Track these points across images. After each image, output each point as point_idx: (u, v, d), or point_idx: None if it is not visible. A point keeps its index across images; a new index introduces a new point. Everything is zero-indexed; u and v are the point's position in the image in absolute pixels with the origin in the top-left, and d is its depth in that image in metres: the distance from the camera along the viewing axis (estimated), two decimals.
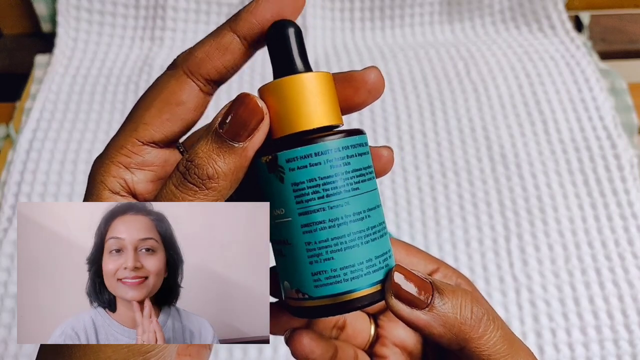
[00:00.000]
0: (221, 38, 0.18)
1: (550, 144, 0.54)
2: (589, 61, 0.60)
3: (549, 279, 0.45)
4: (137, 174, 0.18)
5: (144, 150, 0.18)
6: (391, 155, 0.20)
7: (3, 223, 0.48)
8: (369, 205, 0.18)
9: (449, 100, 0.58)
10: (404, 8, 0.65)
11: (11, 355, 0.42)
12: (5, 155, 0.53)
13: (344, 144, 0.18)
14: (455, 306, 0.19)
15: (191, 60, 0.18)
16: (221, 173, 0.16)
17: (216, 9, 0.64)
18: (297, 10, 0.18)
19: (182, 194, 0.16)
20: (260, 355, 0.42)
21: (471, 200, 0.50)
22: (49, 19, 0.64)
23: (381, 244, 0.19)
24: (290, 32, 0.18)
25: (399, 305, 0.18)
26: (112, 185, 0.18)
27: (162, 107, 0.18)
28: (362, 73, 0.19)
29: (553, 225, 0.48)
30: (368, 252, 0.18)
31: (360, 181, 0.18)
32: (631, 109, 0.56)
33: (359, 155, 0.18)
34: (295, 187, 0.18)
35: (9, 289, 0.45)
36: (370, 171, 0.19)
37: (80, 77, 0.60)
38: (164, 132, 0.18)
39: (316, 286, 0.18)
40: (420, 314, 0.18)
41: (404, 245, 0.23)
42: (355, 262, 0.18)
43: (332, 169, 0.18)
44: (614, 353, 0.42)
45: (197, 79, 0.18)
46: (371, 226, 0.18)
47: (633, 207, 0.49)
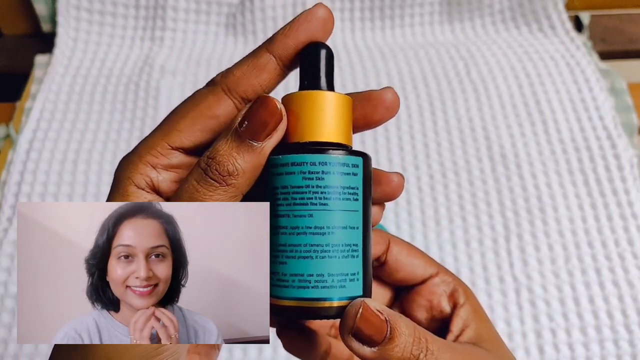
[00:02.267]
0: (258, 58, 0.19)
1: (550, 144, 0.54)
2: (589, 61, 0.60)
3: (549, 279, 0.46)
4: (162, 173, 0.19)
5: (172, 154, 0.19)
6: (401, 182, 0.21)
7: (3, 223, 0.48)
8: (352, 223, 0.19)
9: (449, 100, 0.58)
10: (404, 8, 0.65)
11: (11, 355, 0.42)
12: (5, 155, 0.53)
13: (347, 162, 0.19)
14: (399, 350, 0.18)
15: (230, 79, 0.19)
16: (240, 170, 0.17)
17: (216, 9, 0.64)
18: (326, 34, 0.19)
19: (203, 189, 0.17)
20: (260, 355, 0.42)
21: (471, 200, 0.50)
22: (49, 19, 0.64)
23: (355, 263, 0.19)
24: (322, 53, 0.19)
25: (352, 341, 0.18)
26: (138, 181, 0.19)
27: (197, 117, 0.19)
28: (380, 92, 0.20)
29: (553, 225, 0.48)
30: (343, 267, 0.19)
31: (351, 199, 0.19)
32: (631, 109, 0.56)
33: (354, 175, 0.19)
34: (274, 189, 0.19)
35: (9, 289, 0.45)
36: (359, 192, 0.20)
37: (80, 77, 0.60)
38: (194, 141, 0.19)
39: (272, 285, 0.19)
40: (367, 350, 0.18)
41: (407, 246, 0.23)
42: (331, 272, 0.19)
43: (331, 180, 0.19)
44: (614, 353, 0.42)
45: (234, 96, 0.19)
46: (351, 243, 0.19)
47: (633, 207, 0.49)
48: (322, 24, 0.19)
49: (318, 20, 0.19)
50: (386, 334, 0.18)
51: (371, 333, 0.18)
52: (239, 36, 0.64)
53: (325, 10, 0.19)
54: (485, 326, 0.23)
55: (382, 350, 0.18)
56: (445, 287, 0.23)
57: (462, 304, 0.23)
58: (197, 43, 0.64)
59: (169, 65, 0.61)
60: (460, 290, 0.23)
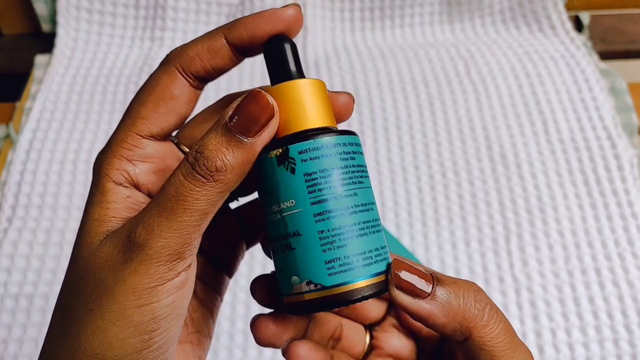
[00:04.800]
0: (213, 42, 0.19)
1: (550, 144, 0.54)
2: (589, 61, 0.60)
3: (549, 279, 0.45)
4: (139, 165, 0.19)
5: (143, 143, 0.19)
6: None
7: (3, 223, 0.48)
8: (369, 199, 0.19)
9: (449, 100, 0.58)
10: (404, 8, 0.65)
11: (11, 355, 0.42)
12: (5, 156, 0.53)
13: (347, 141, 0.19)
14: (458, 295, 0.19)
15: (183, 58, 0.19)
16: (229, 166, 0.17)
17: (216, 9, 0.64)
18: (292, 34, 0.19)
19: (190, 184, 0.17)
20: (260, 355, 0.42)
21: (471, 200, 0.50)
22: (49, 19, 0.64)
23: (380, 237, 0.19)
24: (286, 47, 0.19)
25: (401, 296, 0.18)
26: (115, 177, 0.18)
27: (157, 101, 0.19)
28: (334, 95, 0.20)
29: (553, 225, 0.48)
30: (371, 243, 0.19)
31: (361, 176, 0.19)
32: (631, 109, 0.56)
33: (358, 152, 0.20)
34: (307, 177, 0.18)
35: (9, 289, 0.45)
36: (366, 170, 0.20)
37: (80, 77, 0.60)
38: (161, 126, 0.19)
39: (330, 274, 0.18)
40: (423, 303, 0.18)
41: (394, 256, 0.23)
42: (364, 250, 0.18)
43: (340, 161, 0.19)
44: (614, 353, 0.42)
45: (187, 75, 0.19)
46: (372, 219, 0.19)
47: (633, 207, 0.49)
48: (286, 25, 0.19)
49: (282, 21, 0.19)
50: (434, 281, 0.19)
51: (418, 282, 0.18)
52: None
53: (294, 11, 0.19)
54: None
55: (437, 298, 0.18)
56: None
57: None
58: None
59: None
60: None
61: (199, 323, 0.22)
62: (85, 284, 0.18)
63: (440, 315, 0.18)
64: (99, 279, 0.17)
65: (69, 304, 0.18)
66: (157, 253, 0.17)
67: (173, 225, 0.17)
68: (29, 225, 0.48)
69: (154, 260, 0.17)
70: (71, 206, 0.50)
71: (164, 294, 0.17)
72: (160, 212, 0.17)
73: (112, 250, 0.17)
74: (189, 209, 0.17)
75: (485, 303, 0.19)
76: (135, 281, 0.17)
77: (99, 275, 0.17)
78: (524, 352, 0.19)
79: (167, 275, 0.17)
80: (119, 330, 0.17)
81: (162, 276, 0.17)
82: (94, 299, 0.17)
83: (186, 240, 0.17)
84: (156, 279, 0.17)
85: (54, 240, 0.47)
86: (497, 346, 0.19)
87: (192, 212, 0.17)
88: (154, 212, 0.17)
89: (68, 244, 0.47)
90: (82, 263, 0.18)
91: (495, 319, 0.19)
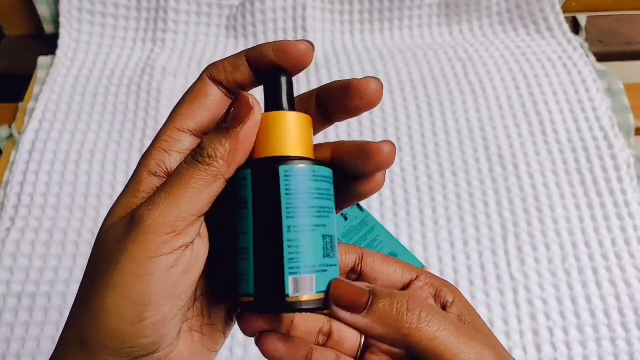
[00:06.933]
0: (237, 58, 0.22)
1: (548, 145, 0.54)
2: (586, 62, 0.61)
3: (546, 278, 0.46)
4: (175, 156, 0.21)
5: (181, 136, 0.21)
6: (393, 151, 0.22)
7: (6, 223, 0.49)
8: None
9: (447, 101, 0.58)
10: (403, 10, 0.65)
11: (13, 353, 0.42)
12: (8, 156, 0.54)
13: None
14: (392, 306, 0.21)
15: (212, 68, 0.22)
16: (219, 154, 0.20)
17: (217, 11, 0.65)
18: (299, 67, 0.22)
19: (189, 167, 0.20)
20: (260, 355, 0.42)
21: (469, 200, 0.51)
22: (51, 20, 0.65)
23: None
24: (282, 79, 0.22)
25: (340, 312, 0.21)
26: (152, 168, 0.21)
27: (193, 100, 0.22)
28: (360, 82, 0.21)
29: (550, 224, 0.49)
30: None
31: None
32: (628, 109, 0.57)
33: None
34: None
35: (12, 288, 0.45)
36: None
37: (83, 78, 0.60)
38: (196, 120, 0.22)
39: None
40: (360, 317, 0.21)
41: (381, 256, 0.24)
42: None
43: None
44: (611, 352, 0.42)
45: (216, 82, 0.22)
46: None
47: (630, 207, 0.49)
48: (298, 60, 0.21)
49: (293, 55, 0.21)
50: (369, 297, 0.21)
51: (355, 299, 0.21)
52: (239, 38, 0.65)
53: (306, 48, 0.21)
54: (481, 323, 0.23)
55: (372, 311, 0.20)
56: (429, 289, 0.23)
57: (452, 301, 0.23)
58: (198, 45, 0.64)
59: (170, 66, 0.61)
60: (446, 290, 0.23)
61: (215, 317, 0.23)
62: (97, 257, 0.20)
63: (377, 327, 0.21)
64: (107, 251, 0.20)
65: (86, 276, 0.21)
66: (155, 223, 0.19)
67: (170, 198, 0.19)
68: (31, 224, 0.49)
69: (151, 229, 0.19)
70: (73, 206, 0.50)
71: (158, 268, 0.19)
72: (162, 190, 0.20)
73: (121, 226, 0.20)
74: (185, 185, 0.20)
75: (419, 309, 0.21)
76: (135, 249, 0.19)
77: (107, 248, 0.20)
78: (479, 345, 0.20)
79: (163, 249, 0.19)
80: (118, 297, 0.19)
81: (158, 248, 0.19)
82: (102, 267, 0.20)
83: (180, 213, 0.19)
84: (152, 250, 0.19)
85: (56, 239, 0.48)
86: (439, 346, 0.20)
87: (187, 188, 0.20)
88: (158, 191, 0.20)
89: (70, 243, 0.48)
90: (99, 238, 0.21)
91: (431, 320, 0.20)
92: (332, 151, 0.22)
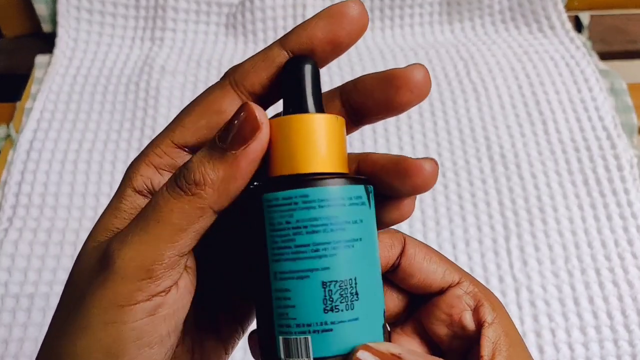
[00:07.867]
0: (269, 50, 0.17)
1: (550, 144, 0.54)
2: (588, 61, 0.60)
3: (548, 278, 0.46)
4: (165, 175, 0.18)
5: (176, 153, 0.18)
6: (435, 170, 0.17)
7: (3, 223, 0.48)
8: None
9: (449, 100, 0.58)
10: (404, 8, 0.65)
11: (11, 355, 0.42)
12: (5, 156, 0.53)
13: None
14: None
15: (238, 72, 0.17)
16: (208, 180, 0.16)
17: (216, 9, 0.64)
18: (352, 35, 0.17)
19: (168, 196, 0.16)
20: None
21: (471, 200, 0.50)
22: (49, 19, 0.64)
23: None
24: (306, 69, 0.17)
25: None
26: (137, 184, 0.17)
27: (202, 113, 0.17)
28: (406, 70, 0.17)
29: (553, 225, 0.48)
30: None
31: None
32: (631, 109, 0.56)
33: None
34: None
35: (10, 289, 0.45)
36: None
37: (81, 77, 0.60)
38: (198, 138, 0.17)
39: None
40: None
41: (424, 248, 0.20)
42: None
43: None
44: (613, 353, 0.42)
45: (241, 90, 0.17)
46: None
47: (633, 207, 0.49)
48: (347, 23, 0.17)
49: (343, 17, 0.17)
50: None
51: None
52: (239, 36, 0.64)
53: (357, 7, 0.17)
54: (518, 353, 0.19)
55: None
56: (469, 300, 0.20)
57: (490, 323, 0.19)
58: (197, 43, 0.64)
59: (169, 65, 0.61)
60: (487, 306, 0.19)
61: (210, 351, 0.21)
62: (68, 293, 0.17)
63: None
64: (77, 285, 0.17)
65: (57, 313, 0.18)
66: (126, 267, 0.16)
67: (144, 237, 0.16)
68: (29, 225, 0.48)
69: (119, 275, 0.16)
70: (72, 206, 0.50)
71: (132, 317, 0.16)
72: (136, 223, 0.16)
73: (94, 259, 0.17)
74: (162, 221, 0.16)
75: None
76: (101, 295, 0.16)
77: (77, 281, 0.17)
78: None
79: (136, 296, 0.16)
80: (86, 342, 0.16)
81: (130, 296, 0.16)
82: (71, 303, 0.17)
83: (157, 256, 0.16)
84: (123, 298, 0.16)
85: (54, 240, 0.48)
86: None
87: (165, 224, 0.16)
88: (132, 223, 0.16)
89: (68, 244, 0.47)
90: (74, 267, 0.18)
91: None
92: (359, 164, 0.18)
